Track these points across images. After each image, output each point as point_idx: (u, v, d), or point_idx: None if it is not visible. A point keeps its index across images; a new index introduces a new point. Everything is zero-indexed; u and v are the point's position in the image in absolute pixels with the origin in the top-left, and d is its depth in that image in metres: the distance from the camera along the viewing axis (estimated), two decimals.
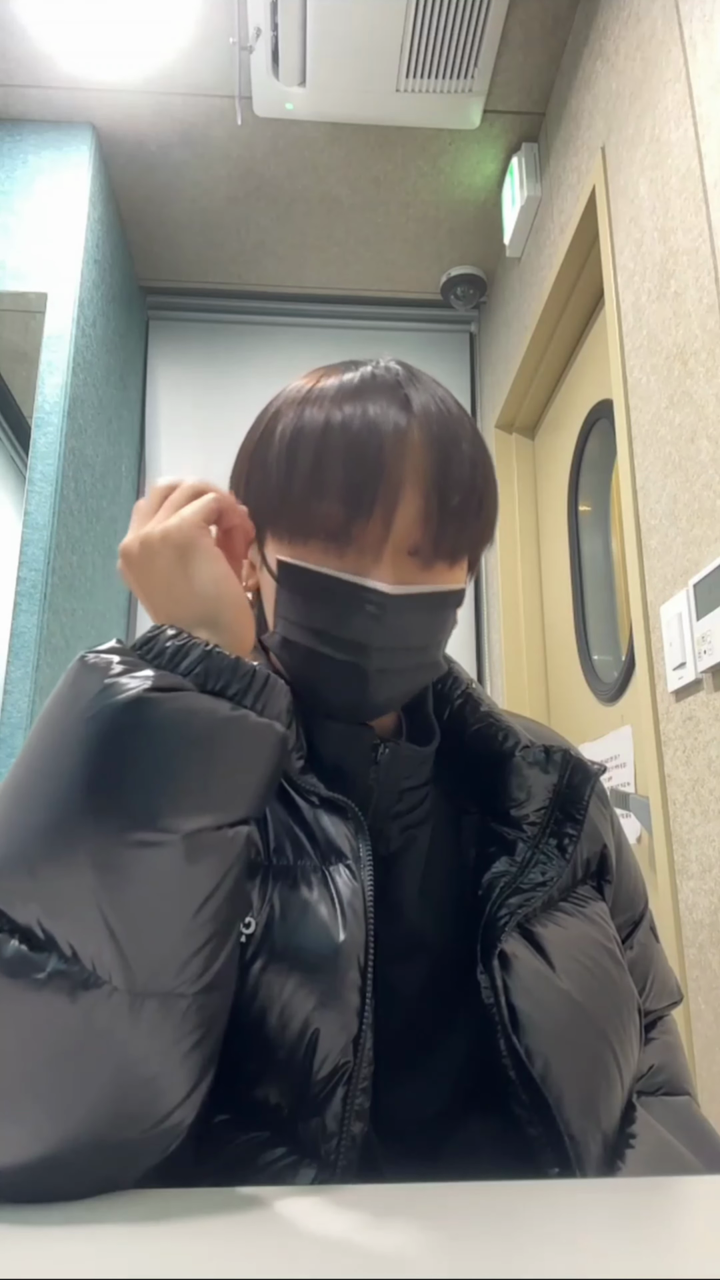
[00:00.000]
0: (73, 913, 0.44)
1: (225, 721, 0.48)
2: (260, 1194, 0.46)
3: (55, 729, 0.47)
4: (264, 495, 0.61)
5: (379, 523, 0.57)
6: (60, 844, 0.44)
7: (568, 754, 0.65)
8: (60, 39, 1.97)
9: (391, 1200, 0.45)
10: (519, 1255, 0.38)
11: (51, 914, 0.44)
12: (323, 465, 0.57)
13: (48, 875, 0.44)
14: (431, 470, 0.58)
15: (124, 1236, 0.40)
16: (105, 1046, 0.43)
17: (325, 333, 2.81)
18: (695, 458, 1.30)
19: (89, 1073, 0.43)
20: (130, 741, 0.45)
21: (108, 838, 0.44)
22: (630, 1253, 0.39)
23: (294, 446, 0.59)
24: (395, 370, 0.63)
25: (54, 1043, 0.43)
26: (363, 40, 1.90)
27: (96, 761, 0.45)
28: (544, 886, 0.60)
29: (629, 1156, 0.56)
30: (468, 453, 0.60)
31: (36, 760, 0.47)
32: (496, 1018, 0.55)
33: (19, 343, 2.04)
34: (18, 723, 1.74)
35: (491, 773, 0.65)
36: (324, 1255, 0.38)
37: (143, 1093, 0.44)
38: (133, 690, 0.46)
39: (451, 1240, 0.40)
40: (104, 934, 0.44)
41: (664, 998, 0.74)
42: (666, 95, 1.43)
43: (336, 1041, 0.51)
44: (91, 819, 0.44)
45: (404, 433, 0.58)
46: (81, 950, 0.43)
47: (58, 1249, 0.39)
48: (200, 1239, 0.40)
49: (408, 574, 0.59)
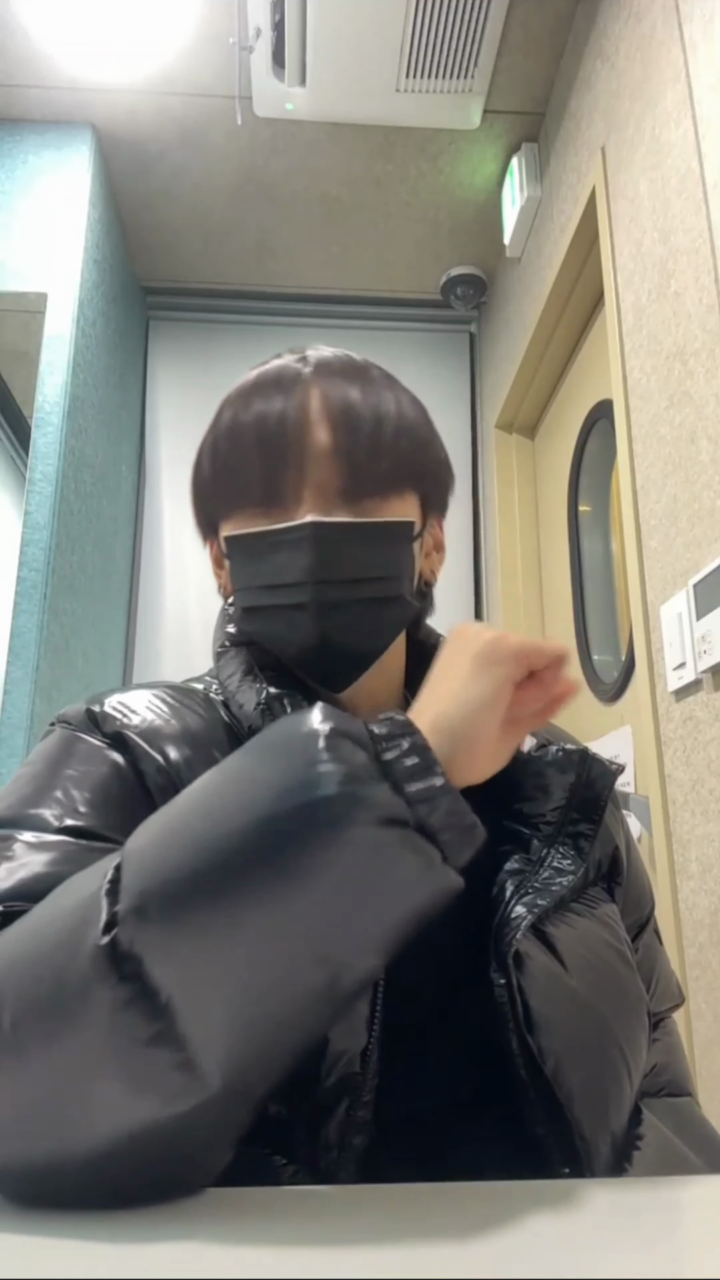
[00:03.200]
0: (207, 992, 0.41)
1: (430, 874, 0.44)
2: (260, 1194, 0.46)
3: (271, 797, 0.43)
4: (202, 493, 0.68)
5: (293, 472, 0.61)
6: (224, 912, 0.41)
7: (586, 753, 0.64)
8: (60, 39, 1.97)
9: (391, 1200, 0.45)
10: (519, 1255, 0.38)
11: (188, 986, 0.40)
12: (236, 442, 0.63)
13: (198, 936, 0.41)
14: (332, 413, 0.62)
15: (124, 1237, 0.40)
16: (164, 1122, 0.41)
17: (325, 333, 2.81)
18: (695, 458, 1.30)
19: (132, 1132, 0.42)
20: (339, 862, 0.42)
21: (277, 934, 0.41)
22: (630, 1253, 0.39)
23: (215, 442, 0.65)
24: (299, 351, 0.68)
25: (118, 1093, 0.41)
26: (363, 40, 1.90)
27: (298, 858, 0.41)
28: (559, 886, 0.59)
29: (635, 1158, 0.56)
30: (370, 393, 0.64)
31: (235, 809, 0.43)
32: (510, 1016, 0.54)
33: (19, 343, 2.04)
34: (18, 723, 1.74)
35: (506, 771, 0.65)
36: (324, 1255, 0.38)
37: (180, 1167, 0.43)
38: (368, 814, 0.42)
39: (452, 1240, 0.40)
40: (224, 1027, 0.41)
41: (667, 999, 0.74)
42: (666, 95, 1.43)
43: (345, 1051, 0.51)
44: (268, 906, 0.41)
45: (303, 397, 0.62)
46: (194, 1032, 0.40)
47: (57, 1249, 0.39)
48: (200, 1239, 0.40)
49: (336, 515, 0.62)
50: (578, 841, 0.61)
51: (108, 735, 0.61)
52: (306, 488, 0.61)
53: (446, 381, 2.81)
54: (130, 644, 2.55)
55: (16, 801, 0.56)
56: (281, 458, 0.61)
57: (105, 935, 0.41)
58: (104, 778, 0.58)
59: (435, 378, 2.80)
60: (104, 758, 0.59)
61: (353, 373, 0.65)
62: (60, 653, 1.92)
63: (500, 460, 2.55)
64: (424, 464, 0.67)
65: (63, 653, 1.93)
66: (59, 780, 0.58)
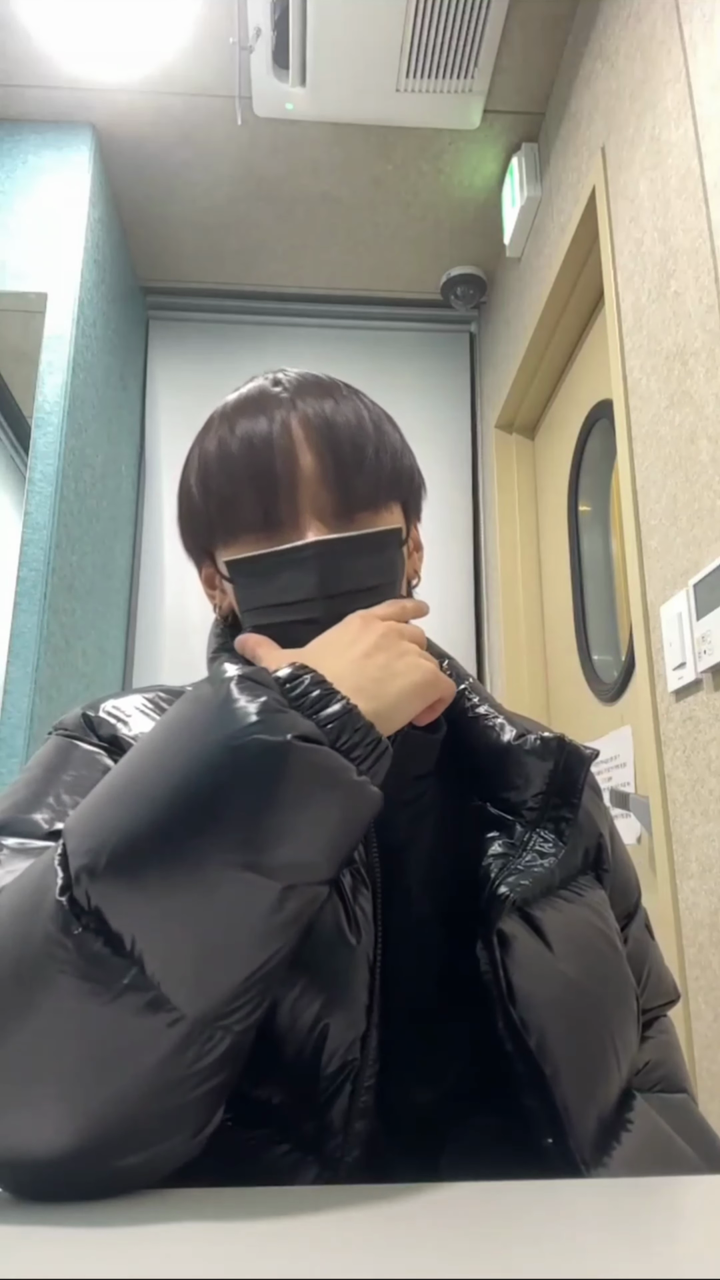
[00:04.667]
0: (166, 930, 0.44)
1: (350, 786, 0.47)
2: (260, 1193, 0.47)
3: (193, 741, 0.47)
4: (195, 521, 0.69)
5: (287, 498, 0.64)
6: (171, 854, 0.44)
7: (563, 740, 0.66)
8: (60, 39, 1.97)
9: (392, 1200, 0.45)
10: (519, 1255, 0.38)
11: (147, 929, 0.43)
12: (228, 471, 0.65)
13: (152, 882, 0.44)
14: (315, 440, 0.65)
15: (124, 1236, 0.40)
16: (148, 1067, 0.43)
17: (325, 333, 2.81)
18: (695, 458, 1.30)
19: (121, 1087, 0.43)
20: (265, 780, 0.45)
21: (221, 860, 0.44)
22: (630, 1253, 0.39)
23: (204, 469, 0.67)
24: (274, 376, 0.70)
25: (99, 1051, 0.43)
26: (363, 40, 1.90)
27: (228, 787, 0.45)
28: (540, 868, 0.61)
29: (625, 1139, 0.57)
30: (347, 416, 0.67)
31: (165, 760, 0.47)
32: (494, 992, 0.56)
33: (19, 343, 2.04)
34: (18, 723, 1.74)
35: (491, 762, 0.67)
36: (324, 1255, 0.38)
37: (157, 1122, 0.45)
38: (282, 734, 0.46)
39: (451, 1240, 0.40)
40: (188, 957, 0.44)
41: (660, 996, 0.75)
42: (666, 95, 1.43)
43: (345, 1038, 0.52)
44: (210, 839, 0.44)
45: (285, 420, 0.65)
46: (161, 971, 0.43)
47: (57, 1248, 0.39)
48: (200, 1239, 0.40)
49: (333, 533, 0.64)
50: (559, 825, 0.64)
51: (103, 739, 0.63)
52: (303, 512, 0.64)
53: (446, 381, 2.81)
54: (130, 643, 2.55)
55: (9, 808, 0.58)
56: (274, 487, 0.64)
57: (62, 895, 0.44)
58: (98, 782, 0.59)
59: (435, 378, 2.80)
60: (99, 762, 0.61)
61: (324, 391, 0.68)
62: (60, 653, 1.92)
63: (500, 460, 2.55)
64: (401, 473, 0.70)
65: (63, 653, 1.93)
66: (54, 786, 0.59)
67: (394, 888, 0.60)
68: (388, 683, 0.54)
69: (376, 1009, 0.53)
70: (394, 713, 0.53)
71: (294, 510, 0.64)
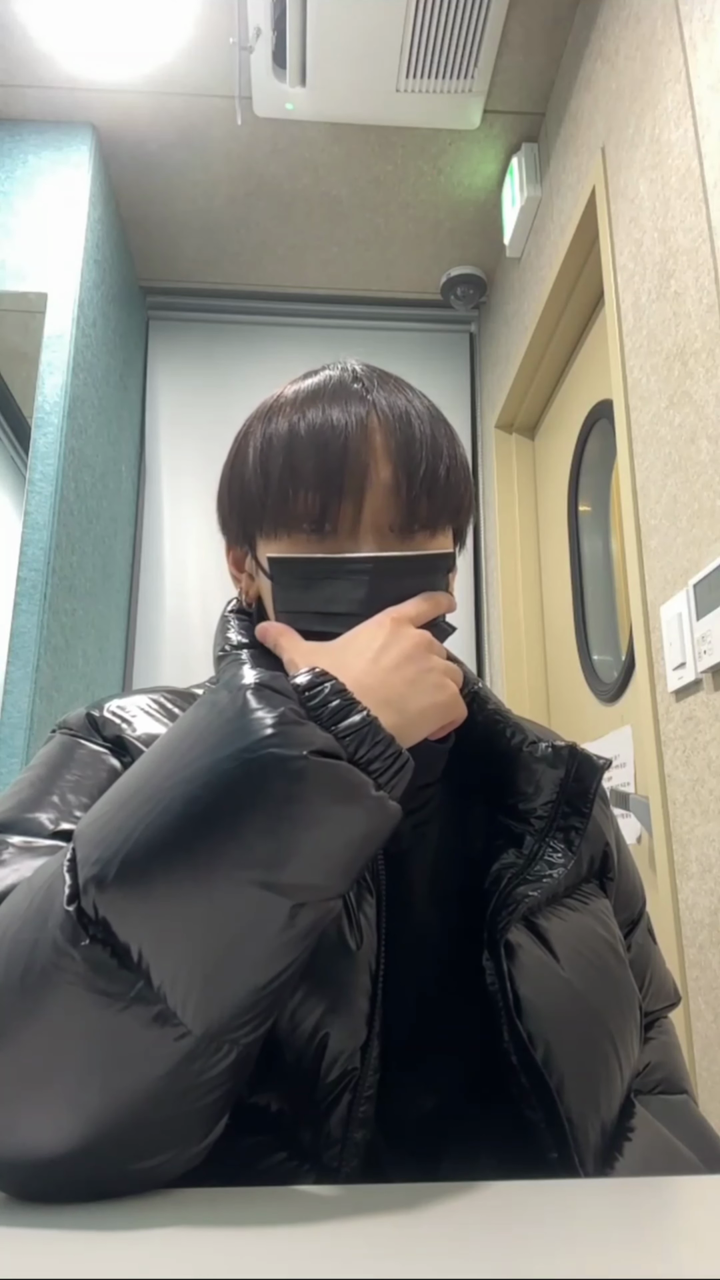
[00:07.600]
0: (173, 944, 0.43)
1: (367, 801, 0.46)
2: (260, 1194, 0.47)
3: (207, 752, 0.45)
4: (246, 504, 0.65)
5: (351, 504, 0.61)
6: (181, 868, 0.43)
7: (575, 748, 0.65)
8: (60, 39, 1.97)
9: (392, 1200, 0.45)
10: (519, 1255, 0.38)
11: (155, 942, 0.43)
12: (294, 462, 0.61)
13: (161, 895, 0.43)
14: (393, 449, 0.62)
15: (124, 1237, 0.40)
16: (155, 1077, 0.43)
17: (325, 333, 2.81)
18: (695, 458, 1.30)
19: (128, 1095, 0.43)
20: (280, 797, 0.44)
21: (232, 877, 0.43)
22: (630, 1253, 0.39)
23: (266, 452, 0.63)
24: (352, 368, 0.67)
25: (106, 1058, 0.43)
26: (363, 40, 1.90)
27: (242, 803, 0.44)
28: (550, 878, 0.60)
29: (626, 1149, 0.57)
30: (425, 428, 0.64)
31: (178, 770, 0.45)
32: (500, 1003, 0.56)
33: (19, 343, 2.04)
34: (18, 723, 1.74)
35: (499, 768, 0.66)
36: (324, 1255, 0.38)
37: (161, 1130, 0.44)
38: (299, 749, 0.45)
39: (451, 1240, 0.40)
40: (196, 972, 0.43)
41: (661, 999, 0.75)
42: (666, 95, 1.43)
43: (345, 1046, 0.52)
44: (221, 855, 0.43)
45: (363, 419, 0.62)
46: (168, 985, 0.43)
47: (58, 1249, 0.39)
48: (200, 1239, 0.40)
49: (389, 548, 0.62)
50: (568, 834, 0.63)
51: (107, 739, 0.62)
52: (364, 521, 0.61)
53: (446, 381, 2.81)
54: (130, 644, 2.55)
55: (14, 806, 0.57)
56: (340, 490, 0.61)
57: (70, 905, 0.43)
58: (102, 782, 0.59)
59: (435, 378, 2.80)
60: (103, 762, 0.61)
61: (397, 389, 0.66)
62: (60, 653, 1.92)
63: (500, 460, 2.55)
64: (465, 500, 0.68)
65: (63, 653, 1.93)
66: (57, 785, 0.59)
67: (397, 895, 0.59)
68: (412, 699, 0.53)
69: (378, 1018, 0.53)
70: (413, 728, 0.52)
71: (356, 517, 0.61)
